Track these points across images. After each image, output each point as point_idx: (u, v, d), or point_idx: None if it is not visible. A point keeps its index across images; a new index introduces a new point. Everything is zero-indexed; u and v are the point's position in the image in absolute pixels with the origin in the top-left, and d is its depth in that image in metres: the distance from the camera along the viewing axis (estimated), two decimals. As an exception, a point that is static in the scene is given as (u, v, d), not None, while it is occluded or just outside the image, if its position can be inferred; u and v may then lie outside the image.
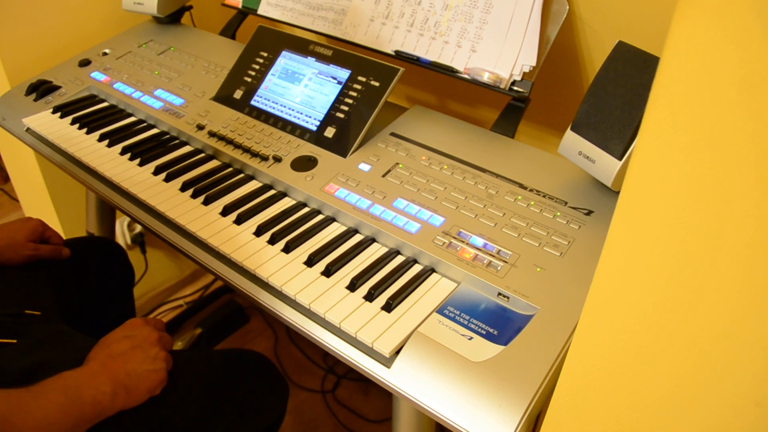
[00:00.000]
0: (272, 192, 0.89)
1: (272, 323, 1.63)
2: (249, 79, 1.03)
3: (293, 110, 0.97)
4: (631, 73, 0.73)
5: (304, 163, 0.90)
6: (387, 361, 0.64)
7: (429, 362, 0.62)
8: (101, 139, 1.01)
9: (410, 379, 0.62)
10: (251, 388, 0.86)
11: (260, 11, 1.22)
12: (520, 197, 0.80)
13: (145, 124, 1.06)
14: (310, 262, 0.75)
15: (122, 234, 1.55)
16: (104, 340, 0.73)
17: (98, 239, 1.17)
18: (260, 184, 0.90)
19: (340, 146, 0.91)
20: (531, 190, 0.81)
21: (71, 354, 0.73)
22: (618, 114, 0.73)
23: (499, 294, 0.69)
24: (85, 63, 1.21)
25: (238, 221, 0.82)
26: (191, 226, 0.81)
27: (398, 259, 0.76)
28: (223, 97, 1.04)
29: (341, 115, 0.93)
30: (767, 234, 0.34)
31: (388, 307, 0.68)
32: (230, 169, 0.94)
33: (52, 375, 0.66)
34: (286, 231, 0.80)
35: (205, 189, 0.88)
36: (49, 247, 0.93)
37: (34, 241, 0.91)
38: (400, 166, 0.87)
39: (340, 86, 0.94)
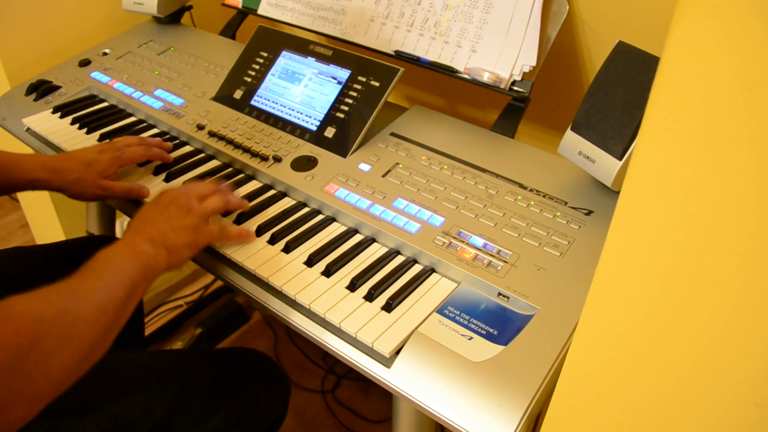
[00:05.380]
0: (272, 192, 0.89)
1: (272, 323, 1.63)
2: (249, 79, 1.03)
3: (293, 110, 0.97)
4: (631, 73, 0.73)
5: (304, 163, 0.90)
6: (387, 361, 0.64)
7: (429, 362, 0.62)
8: (101, 139, 1.01)
9: (410, 379, 0.62)
10: (252, 387, 0.86)
11: (260, 11, 1.22)
12: (520, 197, 0.80)
13: (145, 124, 1.06)
14: (310, 262, 0.75)
15: (122, 234, 1.55)
16: (134, 218, 0.73)
17: (99, 238, 1.17)
18: (260, 184, 0.90)
19: (340, 146, 0.91)
20: (531, 190, 0.81)
21: None
22: (618, 114, 0.73)
23: (499, 294, 0.69)
24: (85, 63, 1.21)
25: (238, 221, 0.82)
26: (191, 226, 0.81)
27: (398, 259, 0.76)
28: (223, 97, 1.04)
29: (341, 115, 0.93)
30: (767, 234, 0.34)
31: (388, 307, 0.68)
32: (230, 169, 0.94)
33: None
34: (286, 231, 0.80)
35: (205, 189, 0.88)
36: (123, 188, 0.87)
37: (110, 178, 0.86)
38: (400, 166, 0.87)
39: (340, 86, 0.94)
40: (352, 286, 0.71)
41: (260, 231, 0.80)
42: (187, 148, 0.99)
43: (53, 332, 0.52)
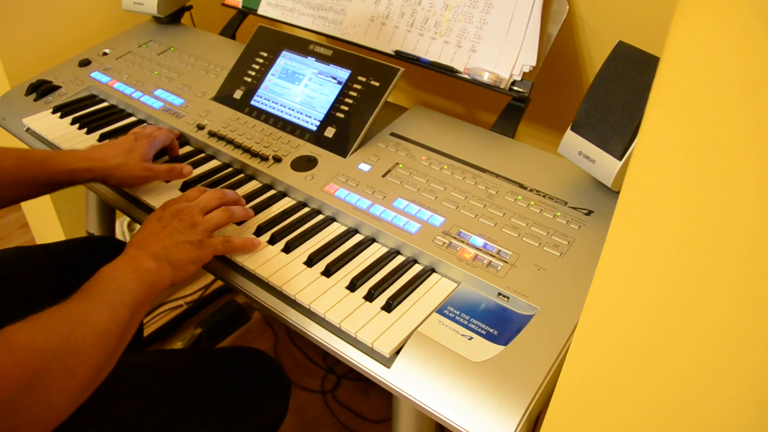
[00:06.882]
0: (272, 192, 0.89)
1: (272, 323, 1.63)
2: (249, 79, 1.03)
3: (293, 110, 0.97)
4: (631, 73, 0.73)
5: (304, 163, 0.90)
6: (387, 361, 0.64)
7: (429, 362, 0.62)
8: (101, 139, 1.01)
9: (410, 379, 0.62)
10: (253, 386, 0.86)
11: (260, 11, 1.22)
12: (520, 197, 0.80)
13: (145, 124, 1.06)
14: (310, 262, 0.75)
15: (122, 234, 1.55)
16: (137, 232, 0.72)
17: (99, 239, 1.17)
18: (260, 184, 0.90)
19: (340, 146, 0.91)
20: (531, 190, 0.81)
21: None
22: (618, 114, 0.73)
23: (499, 294, 0.69)
24: (85, 63, 1.21)
25: (238, 222, 0.82)
26: (191, 226, 0.81)
27: (398, 259, 0.76)
28: (223, 97, 1.04)
29: (341, 115, 0.93)
30: (767, 234, 0.34)
31: (388, 307, 0.68)
32: (230, 169, 0.94)
33: None
34: (286, 231, 0.80)
35: (205, 189, 0.88)
36: (165, 168, 0.87)
37: (148, 161, 0.87)
38: (400, 166, 0.87)
39: (340, 86, 0.94)
40: (352, 286, 0.71)
41: (260, 231, 0.80)
42: (187, 148, 0.99)
43: (56, 364, 0.50)
